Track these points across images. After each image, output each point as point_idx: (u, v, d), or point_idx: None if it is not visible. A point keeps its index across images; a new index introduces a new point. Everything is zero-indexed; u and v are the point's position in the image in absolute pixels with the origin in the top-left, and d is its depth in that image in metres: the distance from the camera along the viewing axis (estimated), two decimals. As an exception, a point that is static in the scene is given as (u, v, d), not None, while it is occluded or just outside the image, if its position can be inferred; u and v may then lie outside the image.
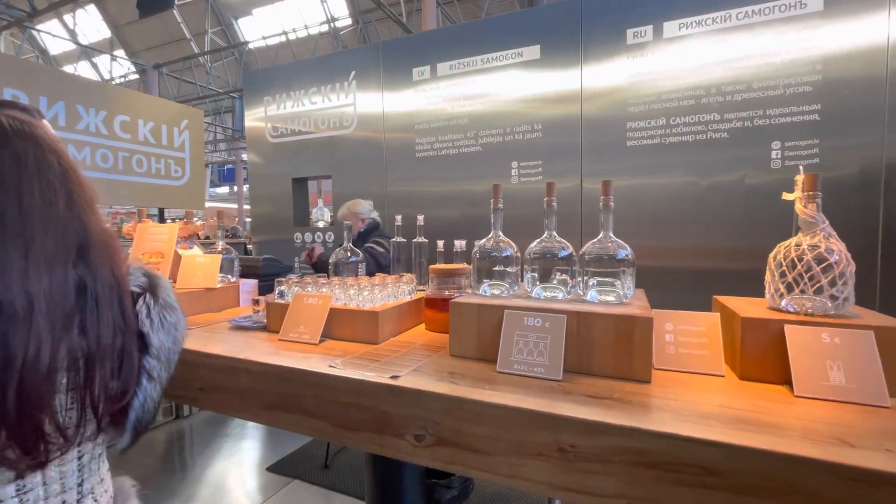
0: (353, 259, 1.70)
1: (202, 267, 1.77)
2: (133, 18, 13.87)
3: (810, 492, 0.63)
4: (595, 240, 1.14)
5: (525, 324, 1.03)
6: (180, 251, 1.90)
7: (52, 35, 11.64)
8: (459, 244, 1.55)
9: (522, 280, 1.23)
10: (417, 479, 1.47)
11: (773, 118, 2.25)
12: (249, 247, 4.27)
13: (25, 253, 0.65)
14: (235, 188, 17.94)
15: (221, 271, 1.89)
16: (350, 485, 2.61)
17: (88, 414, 0.71)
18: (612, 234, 1.14)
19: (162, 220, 3.65)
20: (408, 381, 0.95)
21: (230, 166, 18.78)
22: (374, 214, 2.93)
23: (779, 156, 2.25)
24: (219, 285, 1.81)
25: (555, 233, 1.19)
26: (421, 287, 1.64)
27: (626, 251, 1.10)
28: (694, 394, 0.89)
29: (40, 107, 2.64)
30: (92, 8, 16.04)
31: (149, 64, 8.39)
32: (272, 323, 1.40)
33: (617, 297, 1.09)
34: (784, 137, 2.24)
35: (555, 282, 1.16)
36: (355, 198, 3.24)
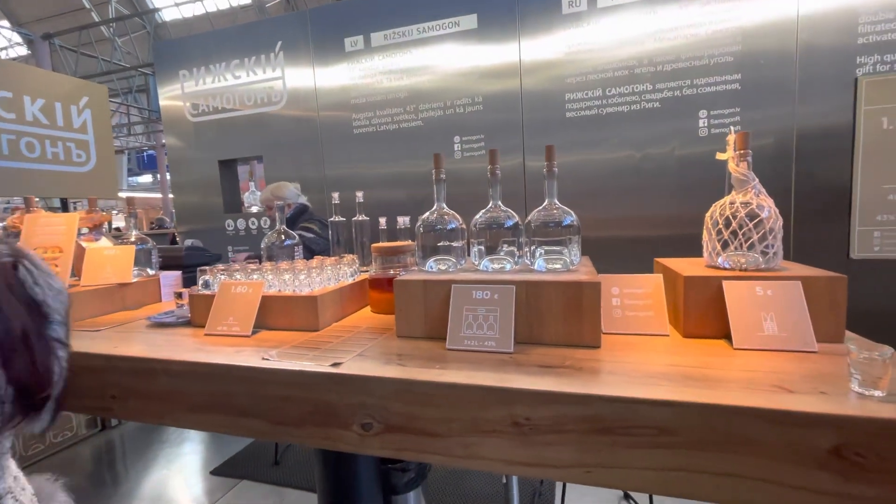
0: (289, 243, 1.58)
1: (112, 260, 1.56)
2: (17, -15, 12.07)
3: (757, 440, 0.64)
4: (540, 207, 1.11)
5: (474, 297, 0.98)
6: (84, 244, 1.67)
7: None
8: (403, 220, 1.48)
9: (469, 254, 1.18)
10: (371, 466, 1.41)
11: (700, 87, 2.35)
12: (179, 238, 3.91)
13: None
14: (158, 176, 16.45)
15: (137, 264, 1.68)
16: (304, 479, 2.51)
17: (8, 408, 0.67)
18: (556, 202, 1.11)
19: (65, 209, 3.22)
20: (351, 367, 0.87)
21: (151, 152, 17.15)
22: (303, 199, 2.70)
23: (706, 124, 2.36)
24: (134, 279, 1.61)
25: (500, 202, 1.15)
26: (364, 268, 1.56)
27: (571, 217, 1.08)
28: (642, 355, 0.89)
29: None
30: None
31: (36, 34, 7.21)
32: (197, 317, 1.26)
33: (564, 264, 1.08)
34: (710, 106, 2.35)
35: (502, 253, 1.13)
36: (293, 181, 3.04)
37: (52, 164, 2.77)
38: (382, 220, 1.48)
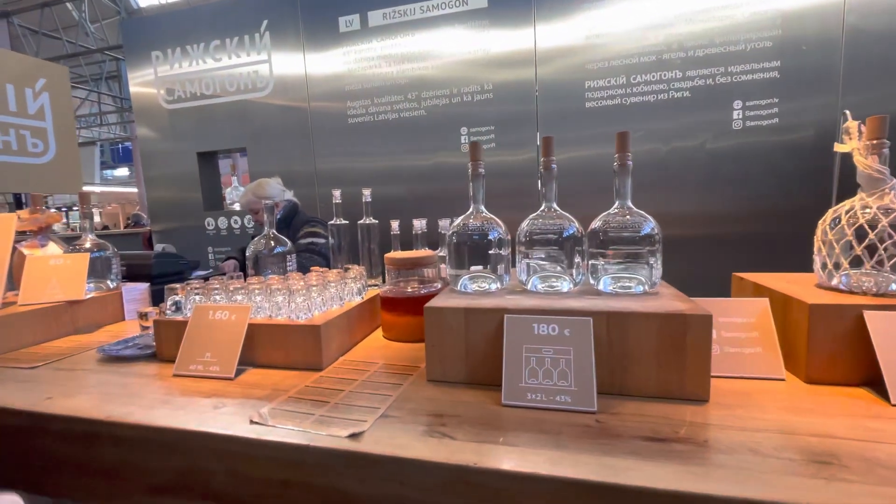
0: (280, 250, 1.31)
1: (60, 272, 1.27)
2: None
3: None
4: (610, 211, 0.87)
5: (536, 333, 0.74)
6: (26, 251, 1.37)
7: None
8: (419, 224, 1.22)
9: (503, 270, 0.94)
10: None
11: (735, 75, 2.14)
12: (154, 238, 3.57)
13: None
14: (135, 169, 15.75)
15: (94, 276, 1.39)
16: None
17: None
18: (631, 204, 0.87)
19: (18, 206, 2.86)
20: (376, 438, 0.62)
21: (127, 144, 16.42)
22: (289, 194, 2.33)
23: (740, 116, 2.15)
24: (89, 295, 1.32)
25: (555, 205, 0.90)
26: (373, 282, 1.29)
27: (650, 224, 0.84)
28: (771, 414, 0.66)
29: None
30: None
31: None
32: (164, 348, 0.99)
33: (640, 285, 0.84)
34: (745, 96, 2.14)
35: (559, 268, 0.88)
36: (278, 175, 2.75)
37: (3, 154, 2.43)
38: (395, 224, 1.23)
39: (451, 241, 0.92)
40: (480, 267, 0.91)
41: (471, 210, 0.94)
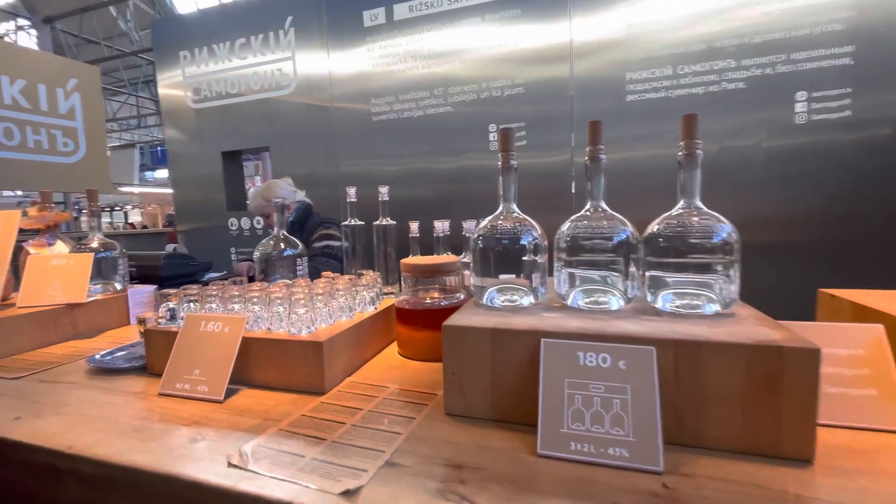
0: (290, 253, 1.20)
1: (62, 272, 1.20)
2: (36, -24, 12.01)
3: None
4: (673, 212, 0.71)
5: (581, 364, 0.58)
6: (33, 250, 1.32)
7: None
8: (441, 226, 1.08)
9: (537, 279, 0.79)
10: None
11: (799, 63, 1.90)
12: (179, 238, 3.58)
13: None
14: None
15: (101, 277, 1.33)
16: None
17: None
18: (700, 203, 0.71)
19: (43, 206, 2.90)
20: (375, 497, 0.49)
21: (165, 147, 17.11)
22: (300, 194, 2.20)
23: (804, 109, 1.91)
24: (92, 297, 1.25)
25: (603, 203, 0.75)
26: (389, 289, 1.17)
27: (725, 228, 0.67)
28: (894, 483, 0.48)
29: None
30: (-16, -35, 13.82)
31: (37, 17, 6.83)
32: (155, 361, 0.89)
33: (711, 302, 0.67)
34: (811, 87, 1.90)
35: (607, 280, 0.72)
36: (303, 176, 2.68)
37: (33, 153, 2.45)
38: (414, 226, 1.10)
39: (476, 246, 0.78)
40: (511, 276, 0.77)
41: (500, 209, 0.79)
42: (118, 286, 1.35)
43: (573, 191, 2.26)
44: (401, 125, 2.57)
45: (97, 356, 0.96)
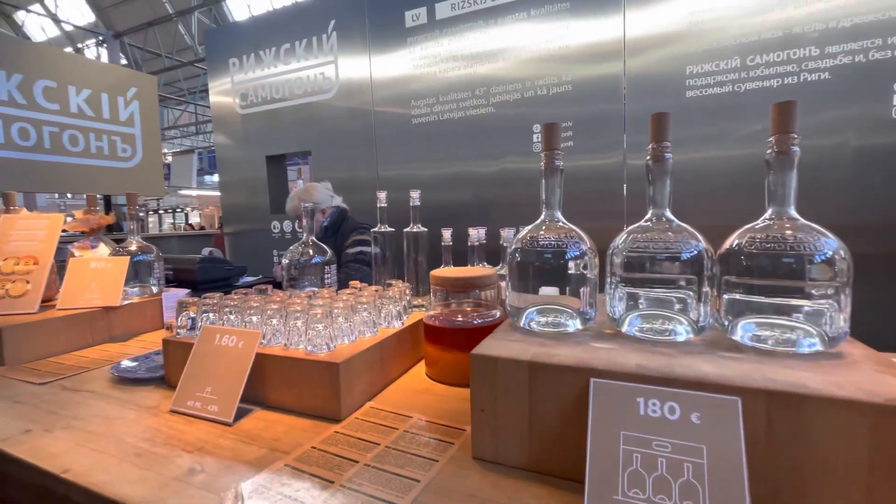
0: (318, 260, 1.15)
1: (99, 276, 1.21)
2: (116, 0, 13.08)
3: None
4: (758, 223, 0.58)
5: (643, 413, 0.47)
6: (77, 252, 1.35)
7: (29, 11, 10.87)
8: (476, 234, 0.99)
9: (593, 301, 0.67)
10: None
11: (898, 49, 1.64)
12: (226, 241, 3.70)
13: None
14: (230, 176, 17.22)
15: (138, 279, 1.34)
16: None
17: None
18: (794, 212, 0.57)
19: (108, 209, 3.08)
20: (382, 576, 0.39)
21: (224, 154, 18.04)
22: (337, 200, 2.19)
23: (904, 101, 1.65)
24: (127, 301, 1.26)
25: (668, 213, 0.62)
26: (419, 302, 1.08)
27: (832, 244, 0.53)
28: None
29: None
30: (73, -10, 15.21)
31: (108, 32, 7.46)
32: (172, 373, 0.85)
33: (812, 338, 0.53)
34: (913, 75, 1.64)
35: (676, 307, 0.60)
36: (343, 180, 2.67)
37: (95, 158, 2.60)
38: (447, 233, 1.00)
39: (513, 259, 0.68)
40: (555, 294, 0.66)
41: (542, 217, 0.68)
42: (154, 289, 1.36)
43: (625, 195, 2.09)
44: (441, 128, 2.50)
45: (122, 364, 0.94)
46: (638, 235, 0.61)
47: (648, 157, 0.62)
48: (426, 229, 1.08)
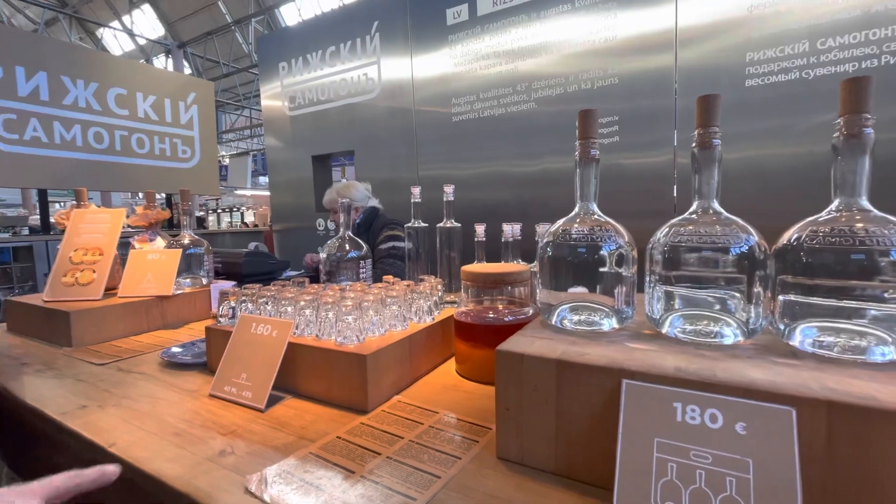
0: (354, 254, 1.16)
1: (154, 267, 1.29)
2: (183, 14, 14.06)
3: None
4: (823, 215, 0.52)
5: (680, 420, 0.43)
6: (137, 245, 1.44)
7: (109, 27, 11.93)
8: (510, 230, 0.96)
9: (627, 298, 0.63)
10: None
11: None
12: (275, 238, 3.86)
13: None
14: (281, 177, 18.02)
15: (188, 271, 1.42)
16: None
17: None
18: (865, 202, 0.50)
19: (169, 206, 3.30)
20: (394, 571, 0.38)
21: (276, 156, 18.90)
22: (374, 201, 2.23)
23: None
24: (179, 291, 1.33)
25: (716, 203, 0.57)
26: (452, 297, 1.07)
27: (910, 241, 0.47)
28: None
29: (16, 78, 2.31)
30: (147, 7, 16.48)
31: (173, 43, 8.12)
32: (213, 359, 0.89)
33: (884, 345, 0.47)
34: None
35: (717, 308, 0.55)
36: (384, 180, 2.72)
37: (158, 159, 2.80)
38: (480, 229, 0.99)
39: (544, 253, 0.65)
40: (585, 290, 0.63)
41: (576, 210, 0.65)
42: (204, 281, 1.43)
43: (675, 194, 1.97)
44: (481, 125, 2.47)
45: (170, 349, 1.00)
46: (681, 228, 0.57)
47: (694, 144, 0.57)
48: (459, 225, 1.07)
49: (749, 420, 0.41)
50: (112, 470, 0.47)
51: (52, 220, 1.86)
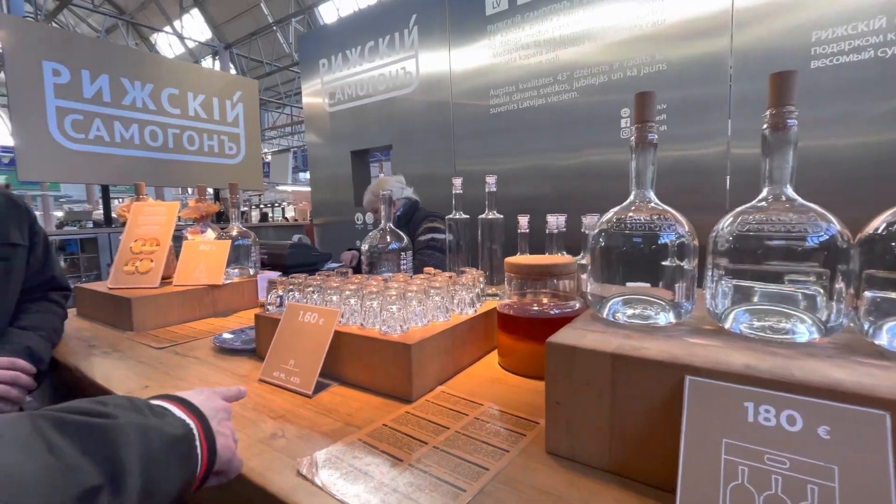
0: (395, 246, 1.17)
1: (206, 257, 1.35)
2: (228, 17, 14.65)
3: None
4: (919, 202, 0.46)
5: (751, 421, 0.40)
6: (189, 236, 1.51)
7: (161, 31, 12.61)
8: (555, 221, 0.93)
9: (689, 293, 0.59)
10: None
11: None
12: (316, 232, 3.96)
13: None
14: (320, 173, 18.52)
15: (236, 262, 1.47)
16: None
17: None
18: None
19: (217, 200, 3.45)
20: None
21: (315, 152, 19.42)
22: (408, 191, 2.22)
23: None
24: (231, 280, 1.39)
25: (789, 190, 0.53)
26: (493, 290, 1.05)
27: None
28: None
29: (82, 81, 2.48)
30: (196, 12, 17.28)
31: (220, 44, 8.53)
32: (262, 346, 0.91)
33: None
34: None
35: (791, 302, 0.51)
36: (422, 175, 2.72)
37: (207, 156, 2.94)
38: (523, 220, 0.96)
39: (596, 244, 0.62)
40: (644, 285, 0.60)
41: (631, 198, 0.62)
42: (251, 271, 1.49)
43: (727, 188, 1.86)
44: (520, 117, 2.43)
45: (222, 335, 1.04)
46: (749, 217, 0.53)
47: (766, 126, 0.53)
48: (502, 216, 1.05)
49: (834, 424, 0.37)
50: (245, 390, 0.60)
51: (113, 213, 1.98)
